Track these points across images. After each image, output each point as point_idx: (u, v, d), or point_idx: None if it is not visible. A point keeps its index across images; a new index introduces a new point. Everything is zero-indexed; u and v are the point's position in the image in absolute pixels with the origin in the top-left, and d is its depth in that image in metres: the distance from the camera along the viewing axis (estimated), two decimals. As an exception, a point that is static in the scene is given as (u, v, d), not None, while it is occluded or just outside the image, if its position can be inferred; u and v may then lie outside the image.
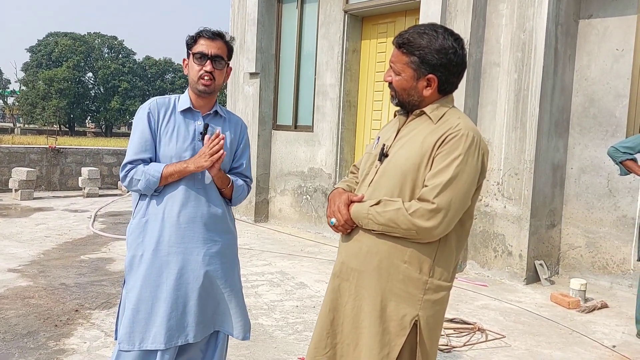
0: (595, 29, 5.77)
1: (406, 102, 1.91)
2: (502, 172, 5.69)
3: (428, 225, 1.74)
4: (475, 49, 5.82)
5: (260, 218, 8.58)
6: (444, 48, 1.81)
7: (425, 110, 1.88)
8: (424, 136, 1.83)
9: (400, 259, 1.82)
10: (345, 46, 7.49)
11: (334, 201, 1.96)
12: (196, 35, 2.32)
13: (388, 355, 1.82)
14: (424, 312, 1.82)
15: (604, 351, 3.89)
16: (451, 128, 1.80)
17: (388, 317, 1.83)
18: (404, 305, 1.82)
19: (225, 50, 2.34)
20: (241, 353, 3.51)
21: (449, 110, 1.89)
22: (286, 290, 5.00)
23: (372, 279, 1.86)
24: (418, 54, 1.82)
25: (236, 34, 8.79)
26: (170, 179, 2.25)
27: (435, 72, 1.83)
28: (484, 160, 1.83)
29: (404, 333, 1.81)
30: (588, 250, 5.76)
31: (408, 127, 1.92)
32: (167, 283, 2.24)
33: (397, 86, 1.89)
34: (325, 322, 1.97)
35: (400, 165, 1.84)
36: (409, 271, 1.82)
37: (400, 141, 1.90)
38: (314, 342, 2.00)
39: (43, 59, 56.18)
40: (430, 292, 1.83)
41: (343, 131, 7.58)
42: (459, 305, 4.75)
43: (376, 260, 1.85)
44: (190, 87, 2.36)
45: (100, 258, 5.87)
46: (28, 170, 10.14)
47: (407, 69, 1.85)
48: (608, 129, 5.65)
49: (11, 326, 3.80)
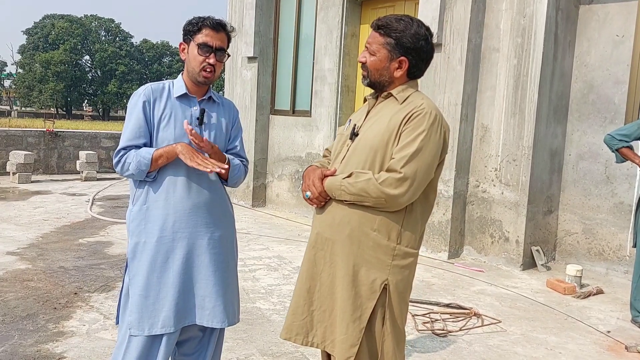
0: (596, 15, 5.74)
1: (377, 82, 2.08)
2: (500, 158, 5.70)
3: (396, 192, 1.91)
4: (474, 34, 5.79)
5: (257, 203, 8.59)
6: (417, 34, 2.01)
7: (392, 92, 2.05)
8: (391, 115, 2.01)
9: (370, 227, 1.98)
10: (344, 31, 7.44)
11: (308, 176, 2.13)
12: (200, 24, 2.29)
13: (360, 317, 1.97)
14: (393, 276, 1.99)
15: (598, 336, 3.93)
16: (416, 107, 1.97)
17: (359, 282, 1.99)
18: (374, 270, 1.98)
19: (226, 42, 2.35)
20: (239, 336, 3.53)
21: (413, 92, 2.06)
22: (283, 274, 5.03)
23: (344, 247, 2.01)
24: (394, 36, 2.00)
25: (234, 17, 8.72)
26: (160, 161, 2.23)
27: (407, 55, 2.02)
28: (446, 137, 2.01)
29: (374, 296, 1.97)
30: (584, 237, 5.79)
31: (376, 109, 2.10)
32: (173, 268, 2.26)
33: (370, 66, 2.05)
34: (302, 290, 2.12)
35: (369, 142, 2.01)
36: (378, 238, 1.98)
37: (369, 121, 2.07)
38: (291, 309, 2.14)
39: (40, 42, 55.75)
40: (399, 258, 2.00)
41: (341, 116, 7.56)
42: (456, 291, 4.79)
43: (348, 229, 2.00)
44: (188, 75, 2.34)
45: (98, 241, 5.88)
46: (26, 154, 10.12)
47: (382, 50, 2.03)
48: (607, 116, 5.65)
49: (10, 309, 3.82)
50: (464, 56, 5.74)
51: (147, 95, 2.31)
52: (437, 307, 4.28)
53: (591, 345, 3.76)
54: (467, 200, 6.00)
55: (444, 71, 5.90)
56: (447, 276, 5.19)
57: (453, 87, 5.83)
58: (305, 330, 2.10)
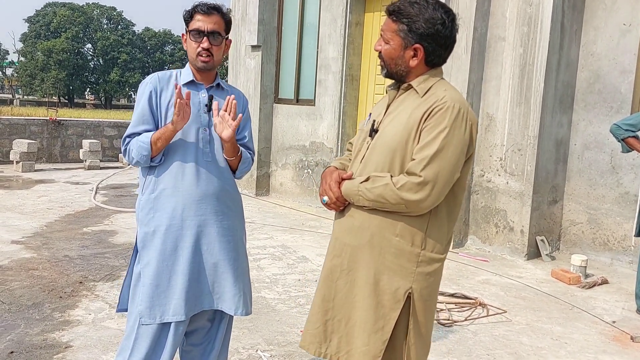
0: (603, 4, 5.68)
1: (394, 72, 1.92)
2: (505, 147, 5.67)
3: (416, 198, 1.76)
4: (480, 22, 5.74)
5: (261, 192, 8.59)
6: (432, 18, 1.82)
7: (412, 84, 1.89)
8: (411, 110, 1.84)
9: (392, 232, 1.84)
10: (348, 19, 7.39)
11: (325, 179, 1.98)
12: (192, 10, 2.29)
13: (383, 328, 1.84)
14: (417, 284, 1.85)
15: (603, 326, 3.93)
16: (437, 101, 1.80)
17: (381, 291, 1.85)
18: (397, 278, 1.84)
19: (223, 24, 2.31)
20: (244, 326, 3.54)
21: (436, 82, 1.89)
22: (288, 263, 5.03)
23: (364, 253, 1.88)
24: (406, 22, 1.83)
25: (238, 5, 8.66)
26: (159, 143, 2.23)
27: (421, 42, 1.84)
28: (472, 131, 1.84)
29: (398, 306, 1.84)
30: (589, 227, 5.78)
31: (396, 102, 1.93)
32: (183, 256, 2.26)
33: (385, 55, 1.90)
34: (317, 299, 2.01)
35: (388, 141, 1.86)
36: (401, 244, 1.84)
37: (389, 117, 1.92)
38: (308, 317, 2.05)
39: (41, 30, 55.57)
40: (423, 264, 1.85)
41: (345, 105, 7.53)
42: (460, 280, 4.79)
43: (368, 234, 1.87)
44: (190, 63, 2.35)
45: (102, 230, 5.89)
46: (29, 142, 10.12)
47: (396, 37, 1.86)
48: (613, 105, 5.61)
49: (16, 297, 3.83)
50: (469, 45, 5.70)
51: (154, 84, 2.32)
52: (442, 296, 4.28)
53: (596, 335, 3.76)
54: (472, 190, 5.98)
55: (449, 60, 5.78)
56: (452, 266, 5.19)
57: (458, 76, 5.79)
58: (318, 340, 1.98)
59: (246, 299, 2.40)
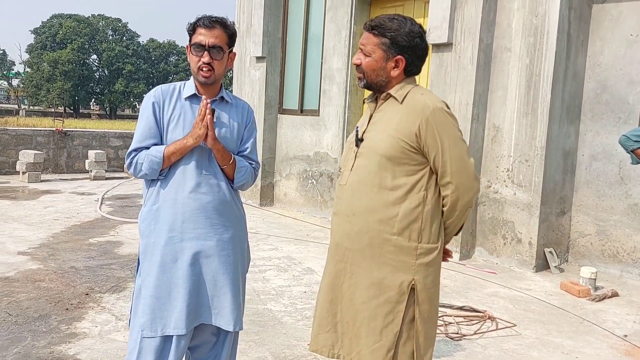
0: (609, 14, 5.68)
1: (374, 82, 2.07)
2: (512, 158, 5.65)
3: (471, 196, 2.03)
4: (486, 33, 5.74)
5: (265, 202, 8.57)
6: (412, 32, 2.01)
7: (391, 92, 2.05)
8: (395, 117, 2.01)
9: (389, 232, 1.98)
10: (352, 30, 7.41)
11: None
12: (194, 24, 2.29)
13: (393, 321, 1.98)
14: (419, 275, 1.99)
15: (615, 340, 3.88)
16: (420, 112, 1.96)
17: (387, 288, 1.99)
18: (399, 273, 1.99)
19: (225, 38, 2.29)
20: (251, 339, 3.51)
21: (412, 88, 2.05)
22: (293, 275, 5.00)
23: (365, 256, 2.02)
24: (389, 36, 2.00)
25: (243, 17, 8.70)
26: (173, 158, 2.24)
27: (403, 54, 2.02)
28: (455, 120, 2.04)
29: (404, 298, 1.98)
30: (598, 238, 5.73)
31: (379, 112, 2.09)
32: (182, 268, 2.25)
33: (366, 67, 2.05)
34: (325, 302, 2.12)
35: (376, 147, 2.01)
36: (399, 241, 1.98)
37: (373, 125, 2.07)
38: (316, 320, 2.14)
39: (47, 41, 55.99)
40: (422, 256, 2.00)
41: (349, 115, 7.53)
42: (468, 293, 4.74)
43: (367, 237, 2.01)
44: (193, 76, 2.35)
45: (108, 241, 5.88)
46: (35, 153, 10.14)
47: (378, 50, 2.03)
48: (620, 116, 5.59)
49: (23, 309, 3.81)
50: (475, 55, 5.69)
51: (157, 97, 2.32)
52: (450, 309, 4.24)
53: (608, 349, 3.71)
54: (479, 201, 5.95)
55: (455, 70, 5.86)
56: (459, 278, 5.15)
57: (464, 86, 5.78)
58: (331, 342, 2.10)
59: (240, 313, 2.38)
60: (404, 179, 1.99)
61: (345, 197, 2.09)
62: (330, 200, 7.67)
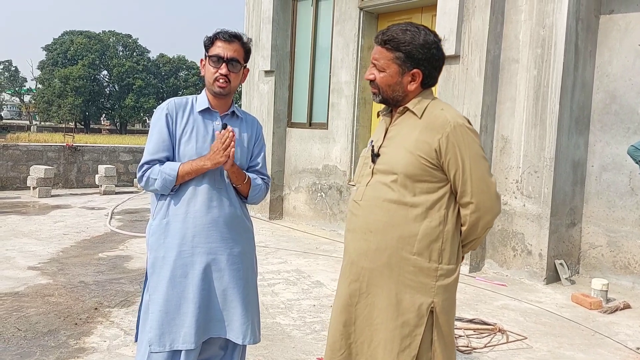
0: (617, 25, 5.67)
1: (390, 97, 1.97)
2: (522, 170, 5.62)
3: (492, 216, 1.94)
4: (493, 45, 5.74)
5: (274, 215, 8.58)
6: (427, 43, 1.90)
7: (408, 106, 1.95)
8: (413, 133, 1.91)
9: (409, 251, 1.89)
10: (360, 43, 7.44)
11: None
12: (213, 37, 2.32)
13: (410, 345, 1.88)
14: (439, 297, 1.90)
15: (627, 353, 3.82)
16: (441, 128, 1.87)
17: (405, 310, 1.90)
18: (418, 295, 1.90)
19: (242, 53, 2.33)
20: (259, 353, 3.49)
21: (430, 102, 1.96)
22: (302, 289, 4.98)
23: (383, 275, 1.93)
24: (404, 50, 1.89)
25: (251, 32, 8.77)
26: (187, 177, 2.25)
27: (419, 67, 1.91)
28: (477, 136, 1.95)
29: (422, 322, 1.89)
30: (609, 250, 5.67)
31: (395, 126, 2.00)
32: (193, 283, 2.25)
33: (381, 83, 1.95)
34: (338, 324, 2.03)
35: (393, 163, 1.92)
36: (419, 262, 1.89)
37: (389, 140, 1.98)
38: (329, 344, 2.05)
39: (59, 57, 56.76)
40: (442, 277, 1.91)
41: (358, 128, 7.54)
42: (478, 305, 4.70)
43: (385, 256, 1.91)
44: (207, 88, 2.36)
45: (118, 256, 5.90)
46: (46, 168, 10.23)
47: (392, 65, 1.92)
48: (630, 126, 5.55)
49: (32, 324, 3.82)
50: (482, 67, 5.70)
51: (170, 109, 2.33)
52: (460, 322, 4.20)
53: (621, 362, 3.65)
54: (488, 213, 5.90)
55: (463, 82, 5.86)
56: (469, 290, 5.11)
57: (472, 98, 5.78)
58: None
59: (254, 327, 2.37)
60: (424, 197, 1.90)
61: (361, 214, 1.99)
62: (340, 213, 7.66)
